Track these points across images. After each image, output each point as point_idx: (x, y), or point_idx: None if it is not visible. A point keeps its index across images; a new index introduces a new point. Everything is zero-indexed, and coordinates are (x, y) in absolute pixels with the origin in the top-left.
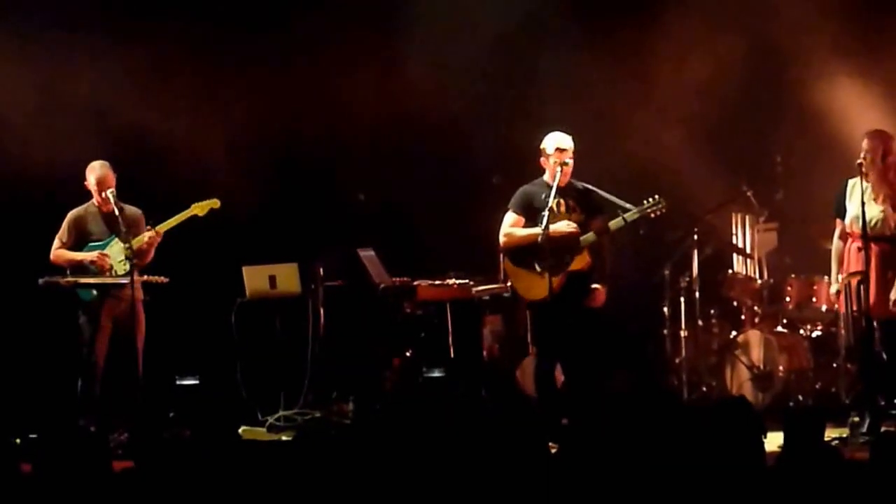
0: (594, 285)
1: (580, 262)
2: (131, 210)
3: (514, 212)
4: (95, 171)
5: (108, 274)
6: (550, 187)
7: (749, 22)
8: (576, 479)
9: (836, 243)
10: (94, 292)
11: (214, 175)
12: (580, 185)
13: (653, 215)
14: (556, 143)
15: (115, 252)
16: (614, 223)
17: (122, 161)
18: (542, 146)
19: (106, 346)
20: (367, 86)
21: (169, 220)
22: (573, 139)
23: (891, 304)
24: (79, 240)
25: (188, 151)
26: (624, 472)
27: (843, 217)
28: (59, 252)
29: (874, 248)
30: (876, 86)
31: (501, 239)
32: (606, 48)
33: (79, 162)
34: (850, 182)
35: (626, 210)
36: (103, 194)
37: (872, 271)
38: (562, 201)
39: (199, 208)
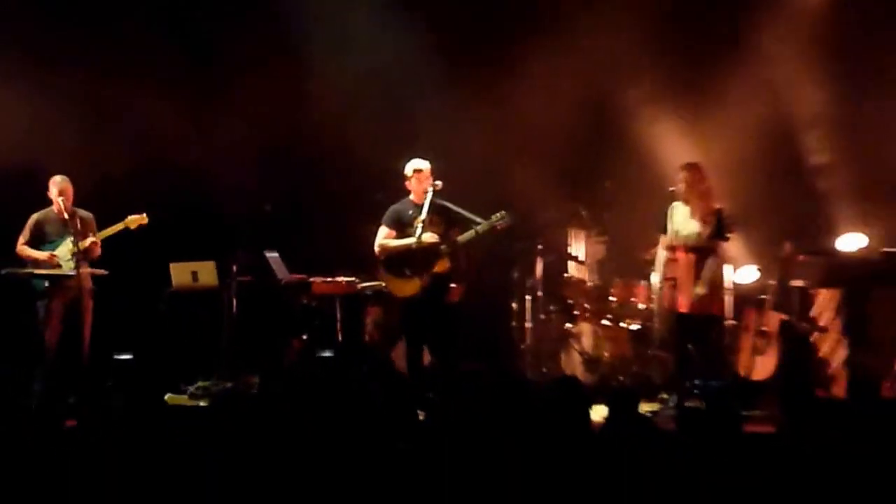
0: (452, 284)
1: (441, 266)
2: (84, 213)
3: (387, 226)
4: (57, 184)
5: (56, 268)
6: (416, 205)
7: (585, 71)
8: (438, 440)
9: (660, 253)
10: (46, 283)
11: (145, 190)
12: (439, 202)
13: (500, 227)
14: (413, 166)
15: (64, 251)
16: (464, 236)
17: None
18: (404, 171)
19: (59, 327)
20: (273, 114)
21: (105, 231)
22: (432, 164)
23: (693, 296)
24: (37, 238)
25: (122, 165)
26: (477, 435)
27: (666, 232)
28: (21, 248)
29: (692, 256)
30: (686, 125)
31: (376, 249)
32: (469, 89)
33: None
34: (673, 205)
35: (476, 223)
36: (59, 201)
37: (692, 275)
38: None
39: (132, 222)
